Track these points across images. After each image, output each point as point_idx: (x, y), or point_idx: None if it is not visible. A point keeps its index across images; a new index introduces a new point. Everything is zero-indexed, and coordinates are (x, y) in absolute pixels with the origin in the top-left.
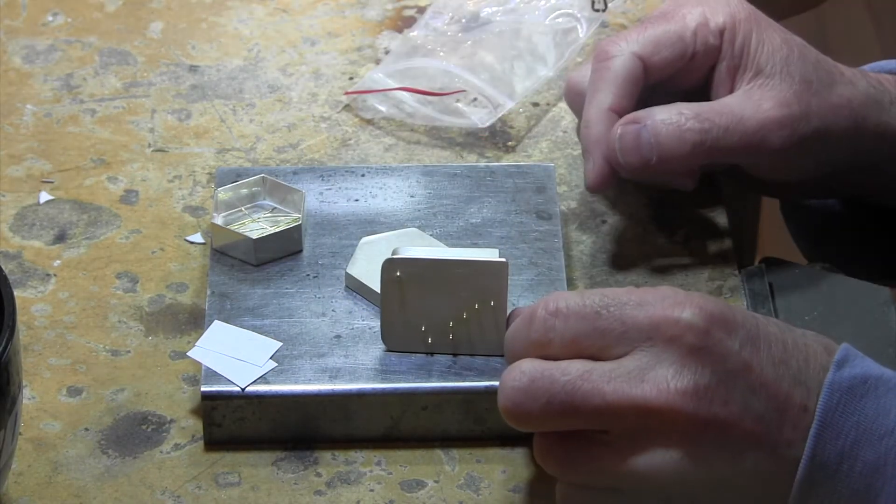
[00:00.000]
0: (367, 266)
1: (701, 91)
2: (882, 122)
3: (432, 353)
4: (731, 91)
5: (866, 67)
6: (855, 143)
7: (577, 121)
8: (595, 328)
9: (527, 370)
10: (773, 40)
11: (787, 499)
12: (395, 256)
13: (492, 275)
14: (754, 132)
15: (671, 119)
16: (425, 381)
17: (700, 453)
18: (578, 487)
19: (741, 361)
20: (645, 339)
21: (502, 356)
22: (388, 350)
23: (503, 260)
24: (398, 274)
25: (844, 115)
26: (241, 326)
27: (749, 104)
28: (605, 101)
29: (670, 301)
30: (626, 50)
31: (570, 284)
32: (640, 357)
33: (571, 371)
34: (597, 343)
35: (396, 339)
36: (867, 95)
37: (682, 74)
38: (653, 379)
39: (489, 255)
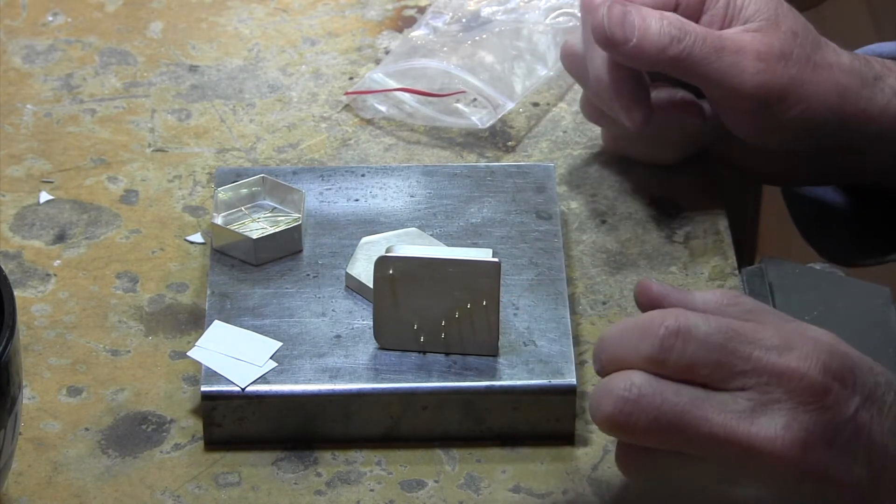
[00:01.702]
0: (367, 266)
1: None
2: (864, 98)
3: (424, 352)
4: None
5: (857, 51)
6: (837, 114)
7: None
8: (716, 360)
9: (638, 383)
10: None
11: None
12: (388, 254)
13: (485, 275)
14: (731, 54)
15: (657, 13)
16: (425, 381)
17: (792, 498)
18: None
19: (854, 424)
20: (764, 382)
21: (494, 356)
22: (381, 348)
23: (496, 260)
24: (391, 272)
25: (825, 77)
26: (241, 326)
27: (732, 34)
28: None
29: (798, 353)
30: None
31: (570, 284)
32: (754, 397)
33: (684, 394)
34: (714, 374)
35: (388, 336)
36: (851, 68)
37: None
38: (764, 423)
39: (483, 254)
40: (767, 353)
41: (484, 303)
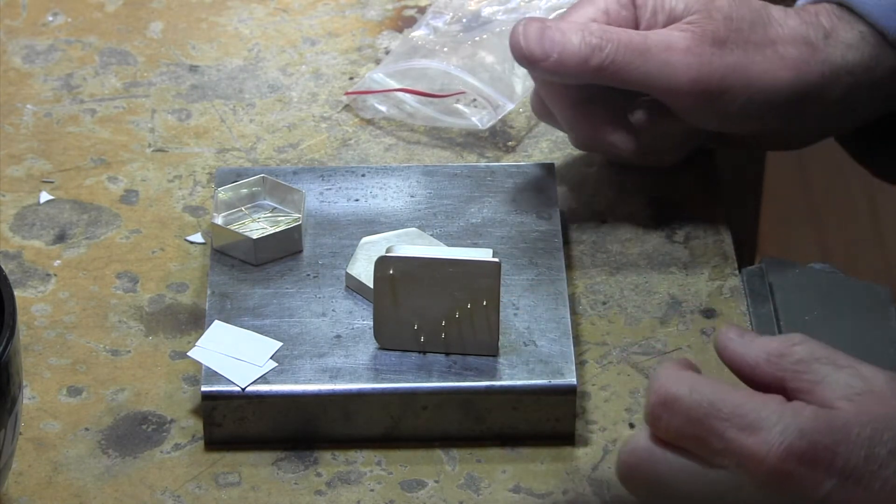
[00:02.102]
0: (367, 266)
1: None
2: (818, 62)
3: (424, 352)
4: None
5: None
6: (795, 88)
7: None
8: (697, 436)
9: (637, 448)
10: None
11: None
12: (388, 254)
13: (485, 275)
14: (658, 54)
15: (577, 24)
16: (425, 381)
17: None
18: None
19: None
20: (735, 464)
21: (494, 356)
22: (381, 348)
23: (496, 260)
24: (391, 272)
25: (769, 56)
26: (241, 326)
27: (658, 33)
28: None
29: (762, 436)
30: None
31: (570, 284)
32: (733, 477)
33: (675, 468)
34: (697, 449)
35: (389, 336)
36: (798, 37)
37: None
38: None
39: (483, 254)
40: (738, 434)
41: (484, 303)
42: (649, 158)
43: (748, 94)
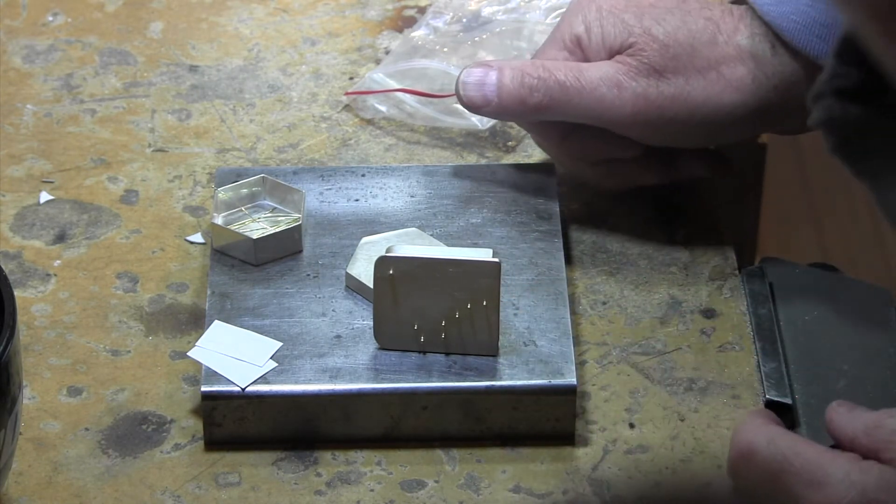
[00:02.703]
0: (367, 266)
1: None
2: (768, 74)
3: (424, 352)
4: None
5: None
6: (750, 102)
7: None
8: (770, 492)
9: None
10: (626, 21)
11: None
12: (388, 254)
13: (485, 275)
14: (594, 90)
15: (517, 65)
16: (425, 381)
17: None
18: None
19: None
20: None
21: (494, 356)
22: (381, 348)
23: (496, 260)
24: (391, 272)
25: (714, 79)
26: (241, 326)
27: (595, 67)
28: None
29: (827, 491)
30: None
31: (570, 284)
32: None
33: None
34: (773, 500)
35: (389, 336)
36: (744, 53)
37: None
38: None
39: (483, 254)
40: (805, 490)
41: (484, 303)
42: (636, 182)
43: (694, 121)
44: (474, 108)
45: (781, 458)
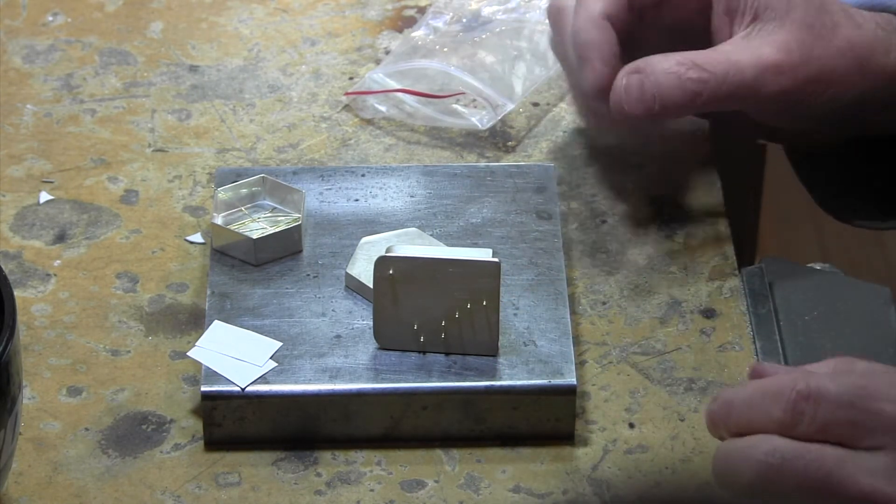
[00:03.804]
0: (367, 266)
1: (697, 32)
2: (885, 63)
3: (424, 352)
4: (730, 35)
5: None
6: (859, 85)
7: (562, 70)
8: (849, 419)
9: (780, 448)
10: None
11: None
12: (388, 254)
13: (485, 275)
14: (753, 79)
15: (671, 69)
16: (425, 381)
17: None
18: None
19: None
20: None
21: (493, 356)
22: (381, 348)
23: (496, 260)
24: (391, 272)
25: (848, 58)
26: (241, 326)
27: (747, 51)
28: (596, 7)
29: None
30: None
31: (570, 284)
32: (892, 454)
33: (826, 456)
34: (847, 433)
35: (389, 336)
36: (875, 37)
37: (672, 5)
38: None
39: (483, 254)
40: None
41: (484, 303)
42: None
43: (828, 96)
44: (638, 118)
45: (857, 388)
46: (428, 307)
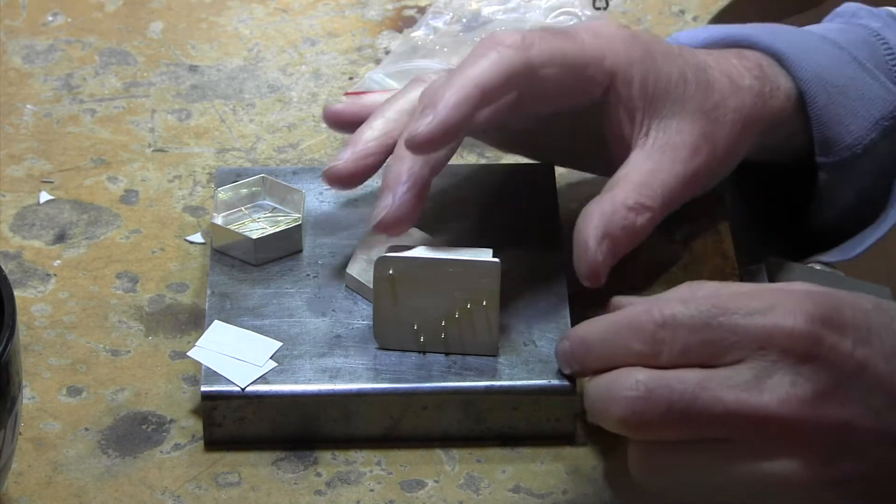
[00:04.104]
0: (367, 266)
1: (576, 118)
2: (773, 110)
3: (424, 352)
4: (632, 133)
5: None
6: (755, 142)
7: None
8: (705, 339)
9: (643, 379)
10: (670, 77)
11: None
12: (388, 254)
13: (484, 275)
14: (681, 191)
15: (626, 221)
16: (425, 381)
17: (823, 457)
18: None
19: (855, 362)
20: (757, 348)
21: (494, 356)
22: (381, 348)
23: (496, 260)
24: (391, 272)
25: (739, 127)
26: (241, 326)
27: (666, 164)
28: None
29: (780, 310)
30: (518, 45)
31: (570, 284)
32: (754, 366)
33: (688, 380)
34: (707, 352)
35: (388, 336)
36: (754, 94)
37: (560, 97)
38: (771, 388)
39: (482, 255)
40: (751, 319)
41: (484, 303)
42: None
43: (733, 162)
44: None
45: (709, 307)
46: (428, 307)
